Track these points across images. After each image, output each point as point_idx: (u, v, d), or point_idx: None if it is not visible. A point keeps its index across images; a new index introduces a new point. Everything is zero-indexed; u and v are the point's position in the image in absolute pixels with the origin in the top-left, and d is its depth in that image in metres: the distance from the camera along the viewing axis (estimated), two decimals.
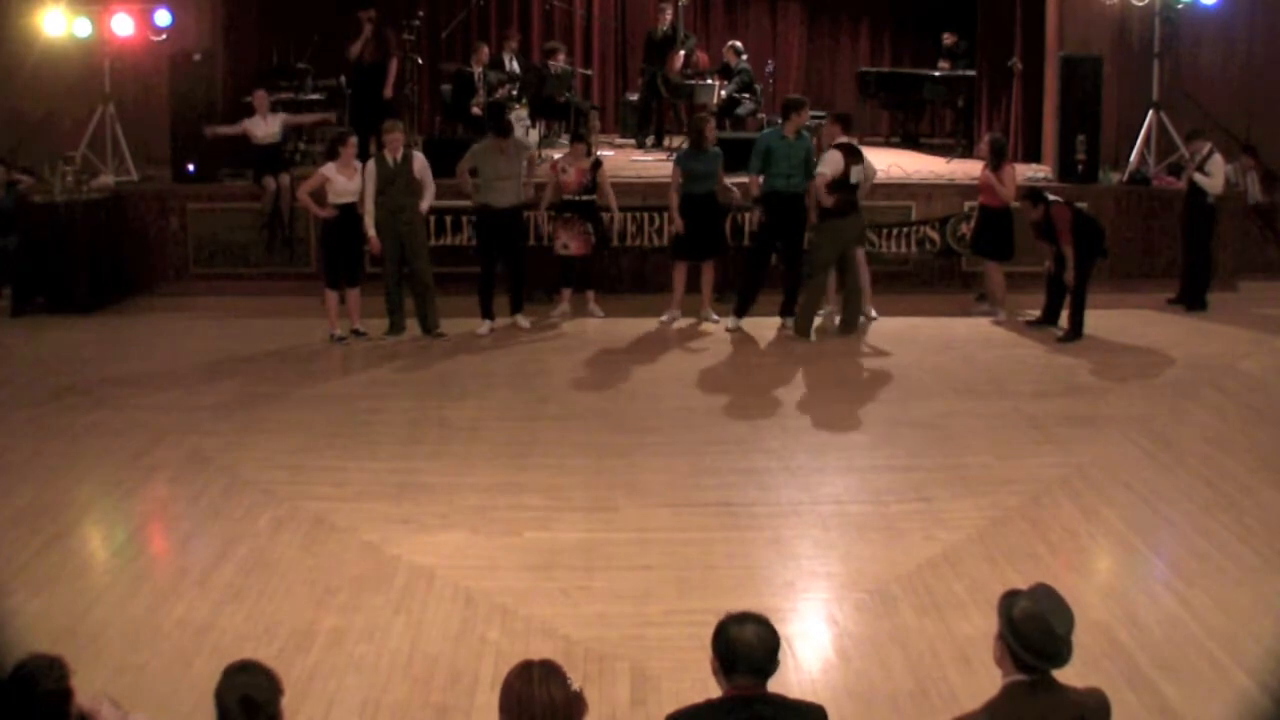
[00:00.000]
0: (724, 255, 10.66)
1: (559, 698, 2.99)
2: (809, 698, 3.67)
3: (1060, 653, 3.14)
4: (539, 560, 6.05)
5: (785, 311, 10.32)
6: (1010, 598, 3.25)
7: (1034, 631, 3.13)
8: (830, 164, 9.66)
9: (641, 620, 5.44)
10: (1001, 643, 3.19)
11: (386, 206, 9.71)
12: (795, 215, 10.10)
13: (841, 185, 9.66)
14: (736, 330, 10.30)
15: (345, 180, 9.65)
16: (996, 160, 10.56)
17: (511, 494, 6.85)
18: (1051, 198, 10.18)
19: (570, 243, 10.39)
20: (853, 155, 9.80)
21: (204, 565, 5.93)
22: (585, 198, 10.38)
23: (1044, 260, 10.35)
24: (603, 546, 6.17)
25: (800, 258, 10.19)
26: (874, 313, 10.62)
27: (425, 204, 9.97)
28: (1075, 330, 10.08)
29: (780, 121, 10.45)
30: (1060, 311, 10.27)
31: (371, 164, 9.73)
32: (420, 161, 9.92)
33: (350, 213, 9.70)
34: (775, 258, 10.44)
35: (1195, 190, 11.08)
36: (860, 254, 10.36)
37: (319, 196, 9.77)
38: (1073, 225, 9.87)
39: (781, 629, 3.33)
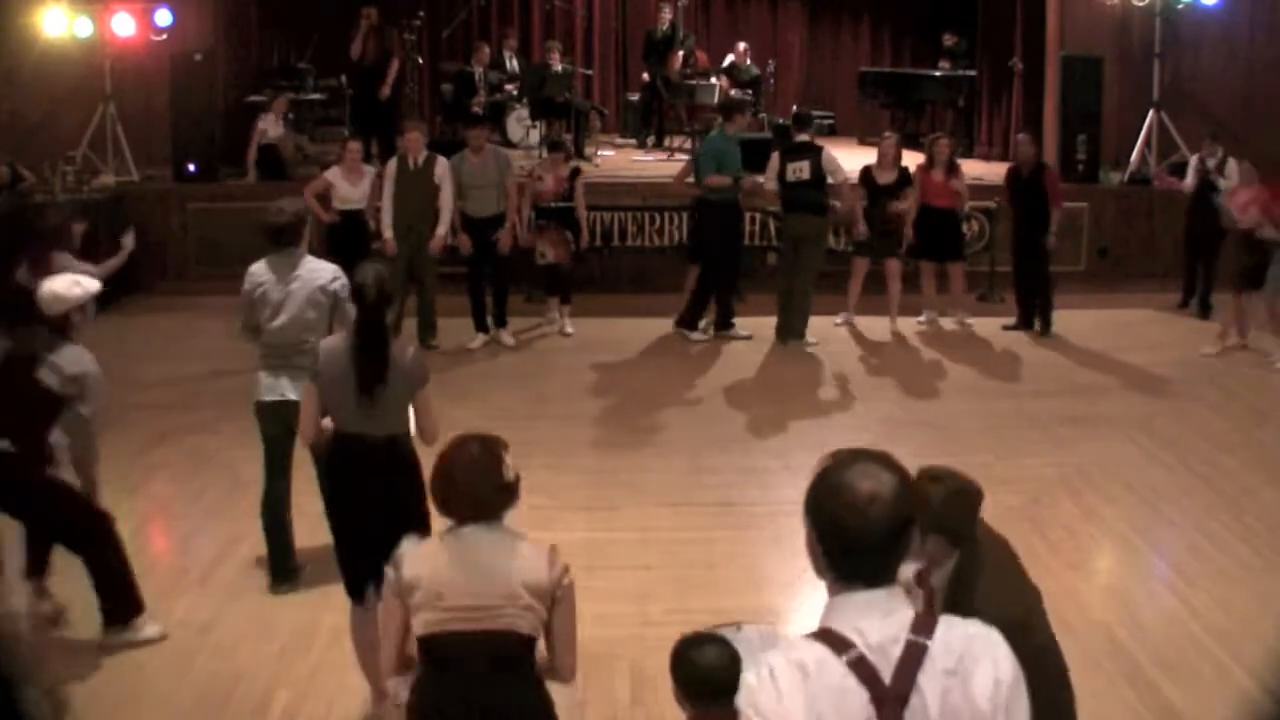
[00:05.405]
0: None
1: (478, 452, 3.21)
2: None
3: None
4: None
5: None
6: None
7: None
8: (768, 165, 9.87)
9: (641, 620, 5.44)
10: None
11: (401, 218, 9.23)
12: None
13: (781, 183, 9.76)
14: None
15: (349, 186, 9.44)
16: (953, 162, 10.44)
17: None
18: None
19: (548, 250, 10.04)
20: (790, 154, 9.75)
21: (205, 564, 5.94)
22: (562, 205, 9.98)
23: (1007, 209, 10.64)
24: (603, 546, 6.17)
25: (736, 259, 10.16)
26: (846, 317, 10.54)
27: (442, 228, 9.34)
28: (1045, 324, 10.30)
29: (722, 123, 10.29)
30: (1034, 313, 10.33)
31: (393, 164, 9.33)
32: (443, 167, 9.29)
33: (354, 220, 9.45)
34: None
35: (1207, 192, 10.97)
36: (894, 266, 10.33)
37: (324, 200, 9.57)
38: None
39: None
